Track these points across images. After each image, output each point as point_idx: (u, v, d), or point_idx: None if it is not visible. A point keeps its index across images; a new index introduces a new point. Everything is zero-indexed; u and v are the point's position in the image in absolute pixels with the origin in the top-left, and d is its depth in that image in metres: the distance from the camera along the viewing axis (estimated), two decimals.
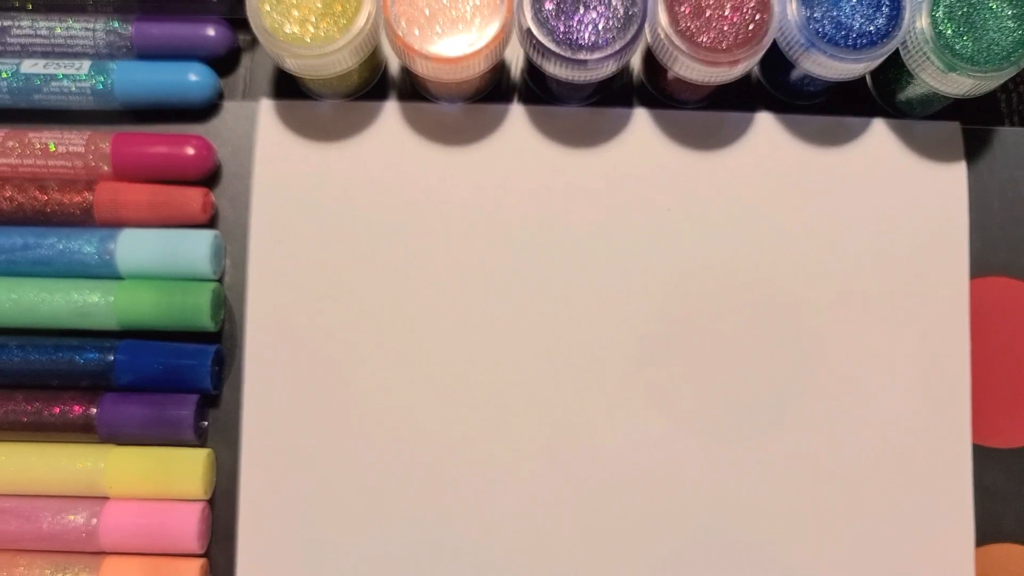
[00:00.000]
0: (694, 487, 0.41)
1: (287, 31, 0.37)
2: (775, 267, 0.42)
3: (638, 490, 0.41)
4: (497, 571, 0.41)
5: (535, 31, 0.37)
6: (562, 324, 0.41)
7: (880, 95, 0.43)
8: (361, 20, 0.37)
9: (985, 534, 0.41)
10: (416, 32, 0.37)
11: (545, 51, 0.37)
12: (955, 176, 0.43)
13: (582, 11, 0.37)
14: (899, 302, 0.42)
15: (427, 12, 0.38)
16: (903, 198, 0.42)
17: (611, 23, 0.38)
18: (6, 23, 0.42)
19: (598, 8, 0.38)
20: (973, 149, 0.43)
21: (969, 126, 0.43)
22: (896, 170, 0.43)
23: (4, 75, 0.41)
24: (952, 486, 0.41)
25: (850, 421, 0.42)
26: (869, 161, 0.43)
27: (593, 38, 0.38)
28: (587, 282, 0.42)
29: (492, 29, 0.37)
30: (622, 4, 0.38)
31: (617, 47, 0.37)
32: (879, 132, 0.43)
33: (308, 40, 0.37)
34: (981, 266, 0.42)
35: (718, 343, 0.42)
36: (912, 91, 0.41)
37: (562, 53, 0.37)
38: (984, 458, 0.42)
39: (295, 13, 0.37)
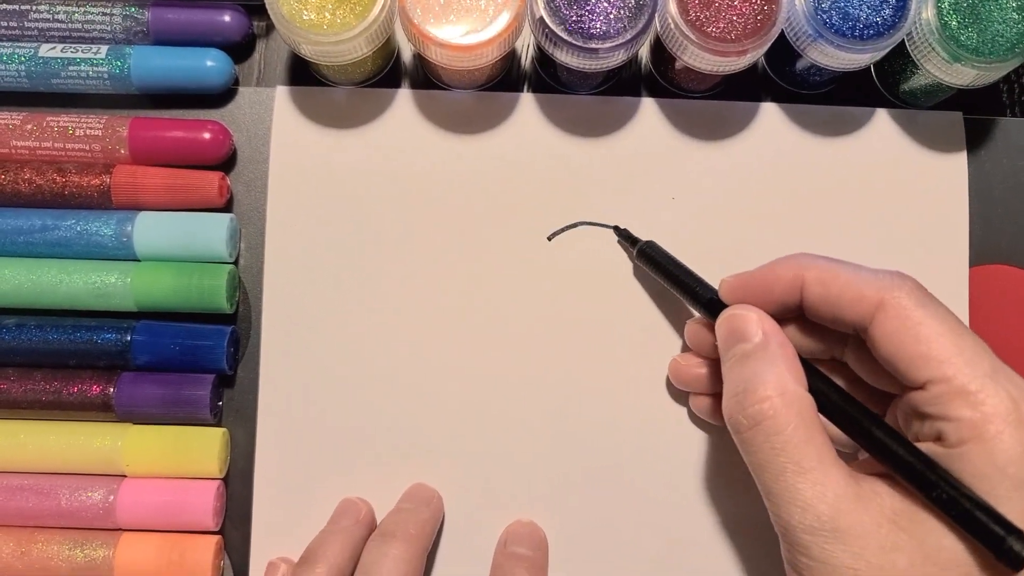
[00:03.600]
0: (692, 470, 0.42)
1: (305, 18, 0.38)
2: (779, 253, 0.42)
3: (639, 472, 0.42)
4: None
5: (547, 20, 0.38)
6: (568, 306, 0.42)
7: (884, 85, 0.44)
8: (377, 8, 0.38)
9: None
10: (431, 20, 0.38)
11: (557, 39, 0.38)
12: (957, 165, 0.43)
13: (594, 0, 0.38)
14: None
15: (442, 0, 0.38)
16: (905, 186, 0.43)
17: (622, 12, 0.38)
18: (24, 7, 0.42)
19: None
20: (975, 139, 0.44)
21: (971, 116, 0.44)
22: (899, 159, 0.43)
23: (22, 59, 0.42)
24: None
25: None
26: (873, 150, 0.43)
27: (604, 27, 0.38)
28: (594, 266, 0.42)
29: (505, 18, 0.38)
30: None
31: (628, 36, 0.38)
32: (883, 121, 0.44)
33: (325, 27, 0.38)
34: (981, 254, 0.43)
35: None
36: (916, 81, 0.42)
37: (574, 42, 0.38)
38: None
39: (313, 0, 0.38)
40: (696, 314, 0.41)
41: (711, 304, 0.37)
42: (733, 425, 0.33)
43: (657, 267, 0.40)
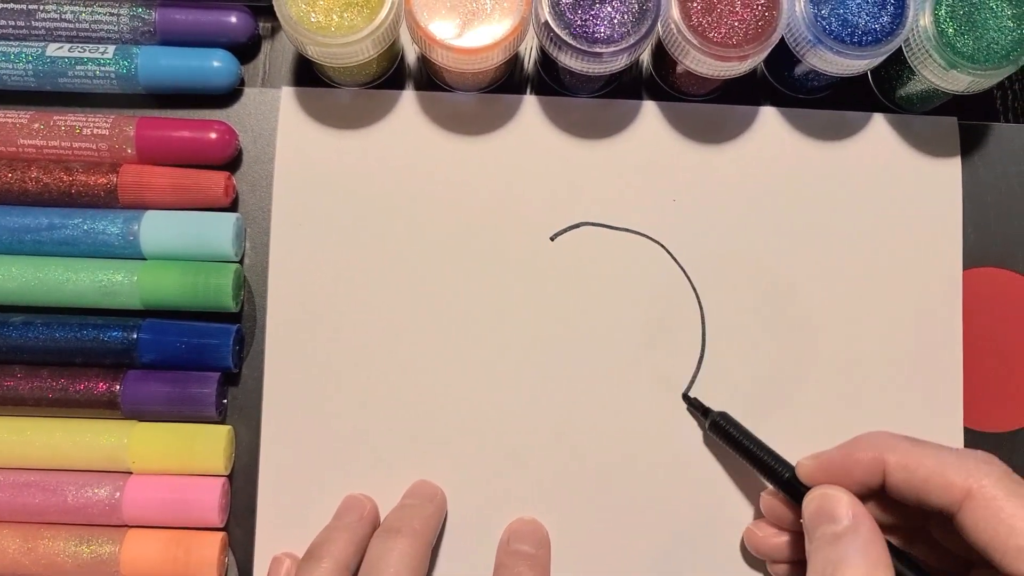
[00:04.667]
0: (694, 468, 0.42)
1: (312, 20, 0.38)
2: (776, 255, 0.43)
3: (641, 471, 0.42)
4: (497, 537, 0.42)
5: (552, 24, 0.39)
6: (569, 308, 0.43)
7: (881, 90, 0.45)
8: (384, 11, 0.38)
9: None
10: (437, 22, 0.38)
11: (561, 43, 0.39)
12: (951, 170, 0.44)
13: (598, 5, 0.39)
14: (895, 290, 0.44)
15: (448, 3, 0.39)
16: (901, 190, 0.44)
17: (626, 17, 0.39)
18: (32, 7, 0.42)
19: (613, 3, 0.39)
20: (969, 144, 0.44)
21: (965, 121, 0.44)
22: (894, 163, 0.44)
23: (30, 58, 0.42)
24: None
25: (847, 403, 0.43)
26: (869, 154, 0.44)
27: (608, 31, 0.39)
28: (595, 267, 0.43)
29: (510, 22, 0.39)
30: None
31: (631, 40, 0.39)
32: (879, 126, 0.44)
33: (333, 29, 0.38)
34: (974, 257, 0.44)
35: (719, 328, 0.43)
36: (912, 87, 0.43)
37: (578, 46, 0.39)
38: (975, 442, 0.43)
39: (320, 2, 0.38)
40: (768, 484, 0.40)
41: (789, 483, 0.37)
42: None
43: (731, 440, 0.41)
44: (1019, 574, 0.31)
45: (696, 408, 0.42)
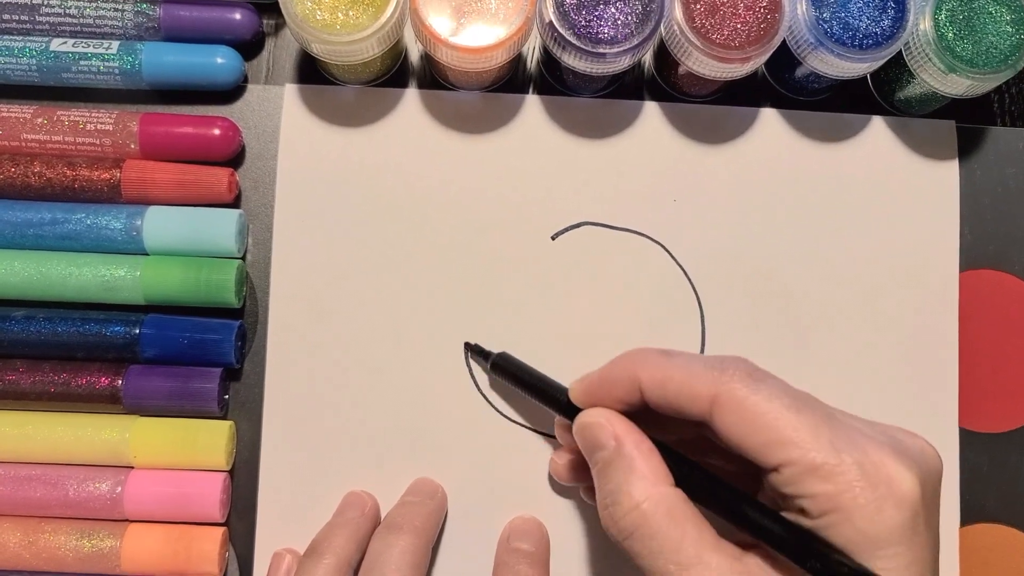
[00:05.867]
0: None
1: (318, 18, 0.38)
2: (775, 256, 0.44)
3: None
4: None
5: (556, 24, 0.39)
6: (570, 306, 0.43)
7: (880, 93, 0.45)
8: (390, 9, 0.38)
9: (969, 515, 0.43)
10: (442, 21, 0.39)
11: (565, 44, 0.39)
12: (948, 172, 0.45)
13: (602, 6, 0.39)
14: (892, 291, 0.44)
15: (452, 2, 0.39)
16: (898, 192, 0.44)
17: (630, 18, 0.39)
18: (36, 2, 0.42)
19: (618, 4, 0.39)
20: (966, 147, 0.45)
21: (963, 125, 0.45)
22: (892, 165, 0.44)
23: (34, 53, 0.42)
24: None
25: (843, 403, 0.43)
26: (867, 156, 0.44)
27: (612, 32, 0.39)
28: (595, 267, 0.43)
29: (515, 21, 0.39)
30: (640, 0, 0.39)
31: (635, 41, 0.39)
32: (878, 129, 0.45)
33: (338, 27, 0.38)
34: (971, 259, 0.44)
35: (718, 328, 0.43)
36: (911, 90, 0.43)
37: (582, 46, 0.39)
38: (970, 442, 0.44)
39: (326, 0, 0.38)
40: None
41: (569, 408, 0.37)
42: (613, 532, 0.33)
43: (512, 378, 0.41)
44: (771, 466, 0.31)
45: (477, 353, 0.42)
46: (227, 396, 0.42)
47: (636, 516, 0.31)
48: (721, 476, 0.33)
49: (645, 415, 0.34)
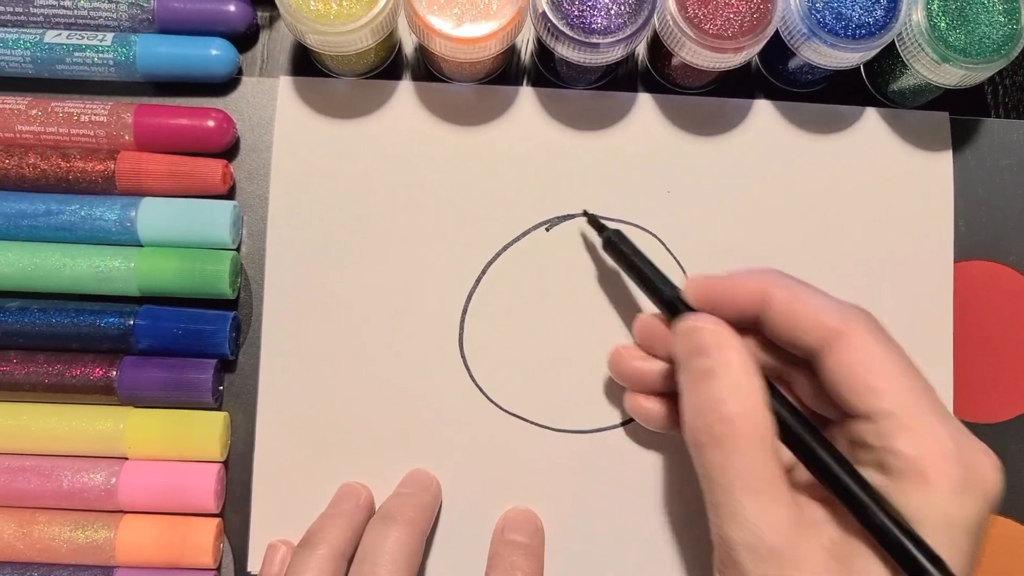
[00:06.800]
0: (690, 459, 0.43)
1: (312, 8, 0.38)
2: (768, 247, 0.44)
3: (637, 461, 0.43)
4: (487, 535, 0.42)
5: (550, 14, 0.39)
6: (565, 300, 0.43)
7: (874, 85, 0.45)
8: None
9: None
10: (436, 12, 0.39)
11: (559, 34, 0.39)
12: (942, 163, 0.45)
13: None
14: (887, 282, 0.44)
15: None
16: (893, 183, 0.44)
17: (623, 8, 0.39)
18: None
19: None
20: (960, 138, 0.45)
21: (957, 116, 0.45)
22: (886, 156, 0.44)
23: (27, 45, 0.42)
24: None
25: None
26: (861, 147, 0.44)
27: (605, 22, 0.39)
28: (589, 257, 0.43)
29: (508, 12, 0.39)
30: None
31: (628, 31, 0.39)
32: (871, 120, 0.45)
33: (332, 17, 0.38)
34: (965, 250, 0.45)
35: None
36: (905, 81, 0.43)
37: (575, 36, 0.39)
38: None
39: None
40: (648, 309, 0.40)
41: (672, 303, 0.37)
42: (693, 439, 0.33)
43: (622, 258, 0.40)
44: (867, 412, 0.31)
45: (593, 225, 0.42)
46: (221, 387, 0.42)
47: (730, 428, 0.31)
48: None
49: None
